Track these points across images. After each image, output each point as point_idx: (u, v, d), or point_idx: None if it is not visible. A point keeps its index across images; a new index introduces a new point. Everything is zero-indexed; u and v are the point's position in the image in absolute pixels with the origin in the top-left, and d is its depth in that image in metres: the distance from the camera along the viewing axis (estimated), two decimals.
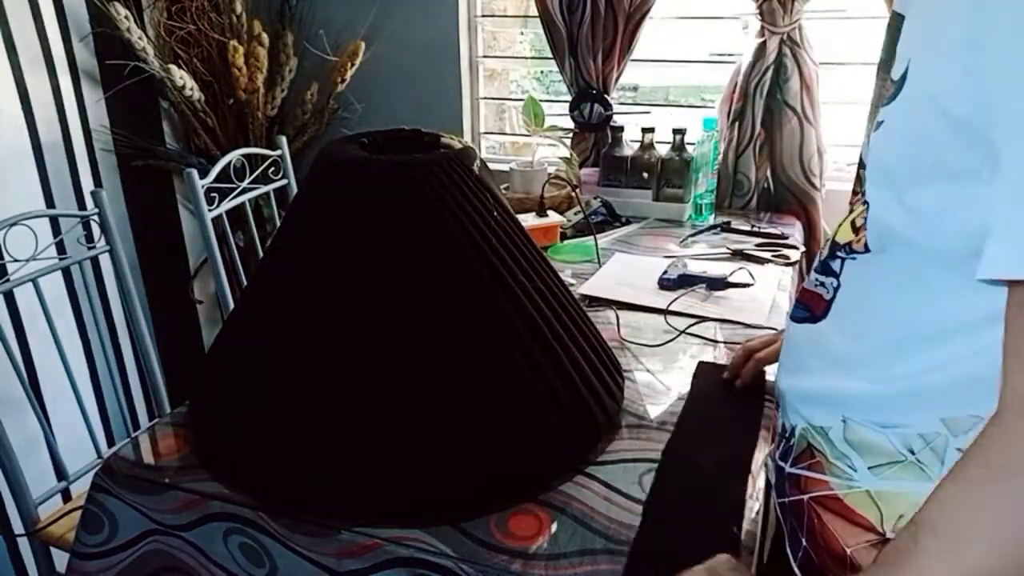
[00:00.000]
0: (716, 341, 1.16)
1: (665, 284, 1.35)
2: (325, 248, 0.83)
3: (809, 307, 0.70)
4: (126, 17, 1.79)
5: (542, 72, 2.43)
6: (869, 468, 0.62)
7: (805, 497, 0.67)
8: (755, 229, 1.72)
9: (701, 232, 1.72)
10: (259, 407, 0.82)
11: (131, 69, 1.89)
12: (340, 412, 0.78)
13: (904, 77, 0.56)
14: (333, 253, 0.82)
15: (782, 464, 0.72)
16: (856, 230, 0.63)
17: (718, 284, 1.34)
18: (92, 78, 1.87)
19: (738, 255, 1.53)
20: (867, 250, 0.62)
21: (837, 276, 0.66)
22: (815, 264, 0.70)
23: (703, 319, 1.22)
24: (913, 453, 0.60)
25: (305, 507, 0.77)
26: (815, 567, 0.66)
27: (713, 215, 1.82)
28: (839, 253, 0.66)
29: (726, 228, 1.72)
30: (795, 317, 0.73)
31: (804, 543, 0.68)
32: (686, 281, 1.35)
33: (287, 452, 0.79)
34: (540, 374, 0.82)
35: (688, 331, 1.18)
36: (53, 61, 1.74)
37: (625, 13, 1.87)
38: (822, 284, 0.68)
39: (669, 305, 1.26)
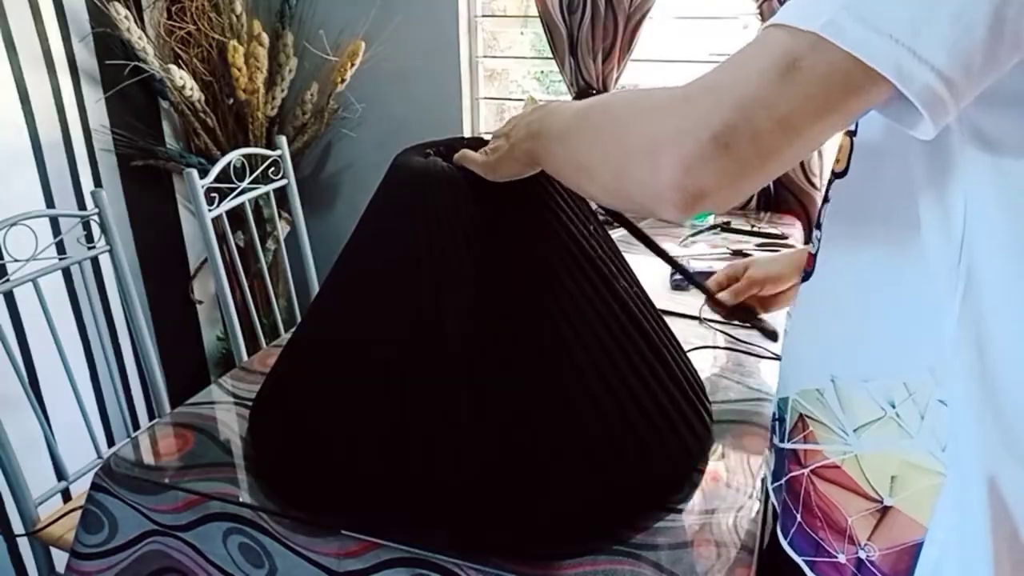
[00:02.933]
0: (716, 347, 1.16)
1: (677, 284, 1.35)
2: (430, 266, 0.76)
3: (806, 267, 0.67)
4: (126, 17, 1.79)
5: (542, 72, 2.43)
6: (854, 431, 0.58)
7: (805, 471, 0.63)
8: (755, 229, 1.72)
9: (701, 232, 1.72)
10: (345, 428, 0.77)
11: (131, 69, 1.90)
12: (441, 434, 0.73)
13: None
14: (440, 271, 0.76)
15: (778, 444, 0.68)
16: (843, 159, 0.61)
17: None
18: (92, 78, 1.87)
19: (738, 255, 1.53)
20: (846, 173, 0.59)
21: (820, 227, 0.64)
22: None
23: (710, 321, 1.22)
24: (893, 407, 0.56)
25: (399, 538, 0.73)
26: (810, 542, 0.63)
27: (713, 215, 1.82)
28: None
29: (726, 228, 1.72)
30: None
31: (798, 518, 0.64)
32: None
33: (374, 476, 0.75)
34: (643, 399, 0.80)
35: (702, 347, 1.15)
36: (53, 61, 1.75)
37: (625, 13, 1.87)
38: (816, 239, 0.66)
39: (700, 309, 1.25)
